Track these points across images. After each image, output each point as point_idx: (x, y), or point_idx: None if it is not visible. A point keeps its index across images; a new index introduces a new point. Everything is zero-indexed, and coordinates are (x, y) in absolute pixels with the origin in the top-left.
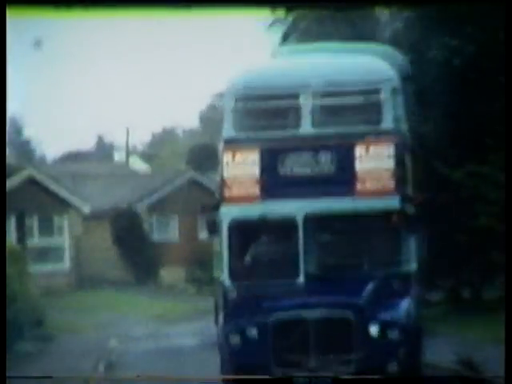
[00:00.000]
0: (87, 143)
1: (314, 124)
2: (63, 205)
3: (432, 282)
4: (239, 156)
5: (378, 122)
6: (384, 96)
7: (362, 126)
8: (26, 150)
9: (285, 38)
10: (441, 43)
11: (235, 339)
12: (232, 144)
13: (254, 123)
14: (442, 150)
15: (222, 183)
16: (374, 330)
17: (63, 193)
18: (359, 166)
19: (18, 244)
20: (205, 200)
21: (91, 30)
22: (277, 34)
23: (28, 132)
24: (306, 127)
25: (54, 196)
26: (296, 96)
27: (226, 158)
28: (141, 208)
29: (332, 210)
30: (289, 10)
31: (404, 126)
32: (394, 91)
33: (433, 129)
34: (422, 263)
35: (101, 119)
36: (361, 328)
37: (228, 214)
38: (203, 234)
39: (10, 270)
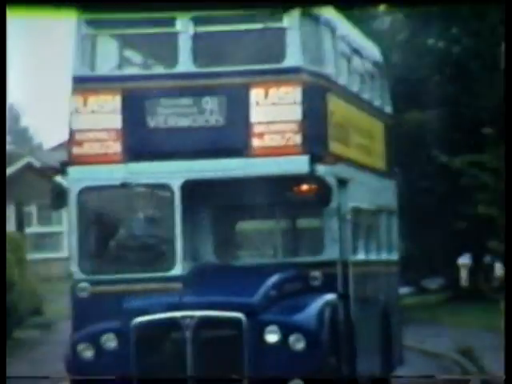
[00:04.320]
0: None
1: (195, 60)
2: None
3: (429, 269)
4: (93, 101)
5: (281, 57)
6: (288, 23)
7: (260, 64)
8: (25, 138)
9: None
10: (440, 32)
11: (86, 351)
12: (83, 85)
13: (113, 57)
14: (441, 138)
15: (70, 137)
16: (271, 336)
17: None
18: (255, 115)
19: (17, 231)
20: None
21: None
22: None
23: (26, 120)
24: (185, 64)
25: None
26: (171, 21)
27: (76, 103)
28: None
29: (220, 174)
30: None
31: (330, 69)
32: (304, 17)
33: (432, 117)
34: (402, 251)
35: None
36: (254, 334)
37: (78, 179)
38: None
39: (9, 256)
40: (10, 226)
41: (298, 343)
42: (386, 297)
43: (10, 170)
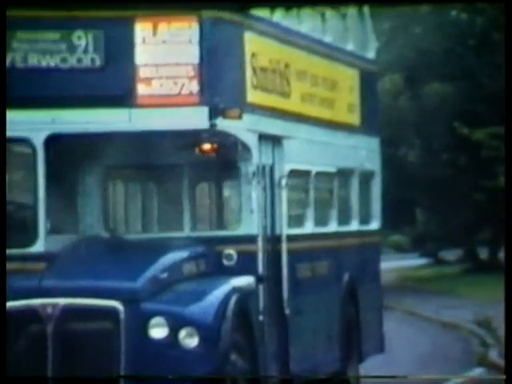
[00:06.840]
0: None
1: None
2: None
3: (448, 241)
4: None
5: None
6: None
7: None
8: None
9: None
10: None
11: None
12: None
13: None
14: (462, 110)
15: None
16: (156, 330)
17: None
18: (141, 56)
19: None
20: None
21: None
22: None
23: None
24: None
25: None
26: None
27: None
28: None
29: (97, 128)
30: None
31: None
32: None
33: (454, 89)
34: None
35: None
36: (136, 328)
37: None
38: None
39: None
40: None
41: (189, 339)
42: (354, 275)
43: None
